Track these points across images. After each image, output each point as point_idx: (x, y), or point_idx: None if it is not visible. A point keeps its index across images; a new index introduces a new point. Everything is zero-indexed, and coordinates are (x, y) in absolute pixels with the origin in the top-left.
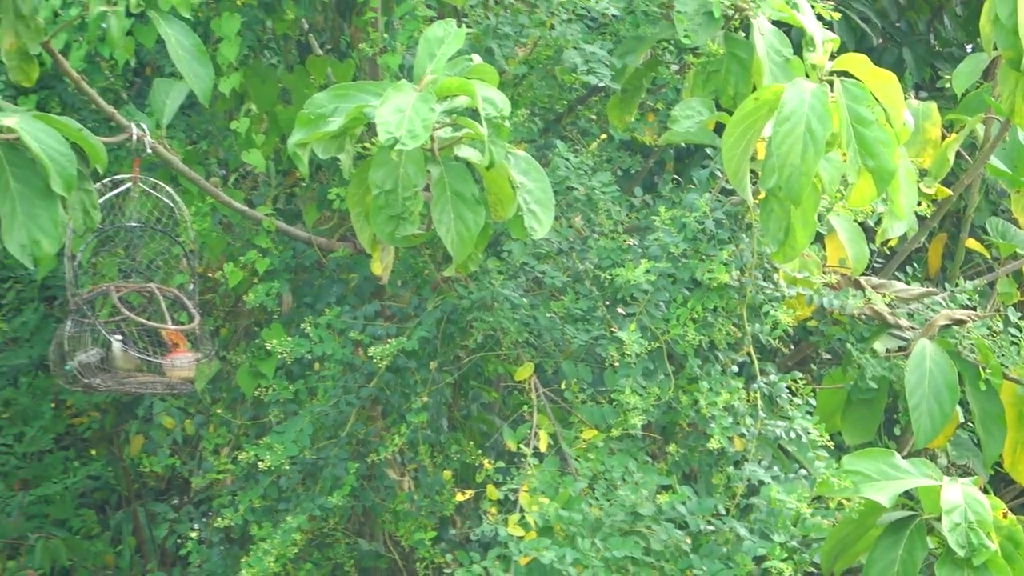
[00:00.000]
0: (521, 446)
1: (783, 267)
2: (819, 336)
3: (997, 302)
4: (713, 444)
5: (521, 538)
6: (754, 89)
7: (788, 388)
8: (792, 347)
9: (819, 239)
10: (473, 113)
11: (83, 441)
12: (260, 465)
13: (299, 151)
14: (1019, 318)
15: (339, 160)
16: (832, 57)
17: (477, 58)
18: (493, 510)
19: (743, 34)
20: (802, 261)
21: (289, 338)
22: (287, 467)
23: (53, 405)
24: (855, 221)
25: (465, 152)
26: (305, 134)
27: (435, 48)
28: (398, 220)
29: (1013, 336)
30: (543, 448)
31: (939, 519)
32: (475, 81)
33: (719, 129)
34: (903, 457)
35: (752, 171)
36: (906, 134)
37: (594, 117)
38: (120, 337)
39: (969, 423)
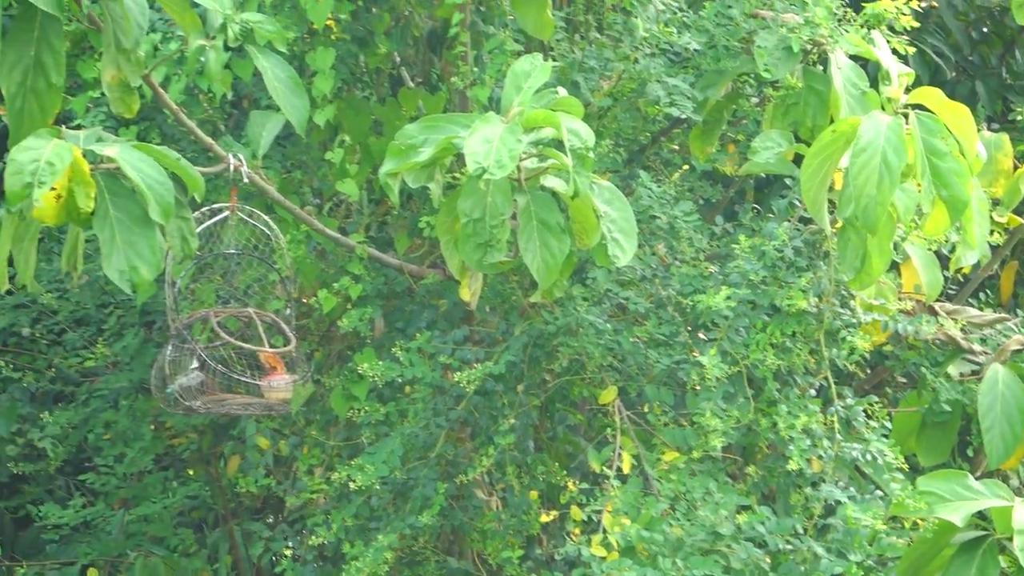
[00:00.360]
0: (605, 467)
1: (860, 294)
2: (895, 361)
3: None
4: (791, 465)
5: (604, 558)
6: (831, 121)
7: (864, 411)
8: (868, 371)
9: (895, 267)
10: (559, 144)
11: (181, 461)
12: (352, 485)
13: (390, 180)
14: None
15: (429, 189)
16: (907, 90)
17: (562, 91)
18: (577, 530)
19: (821, 68)
20: (878, 288)
21: (380, 362)
22: (378, 487)
23: (153, 427)
24: (929, 249)
25: (551, 182)
26: (396, 164)
27: (522, 81)
28: (486, 248)
29: None
30: (626, 469)
31: (1011, 539)
32: (560, 113)
33: (798, 160)
34: (976, 478)
35: (830, 201)
36: (979, 165)
37: (676, 148)
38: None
39: None
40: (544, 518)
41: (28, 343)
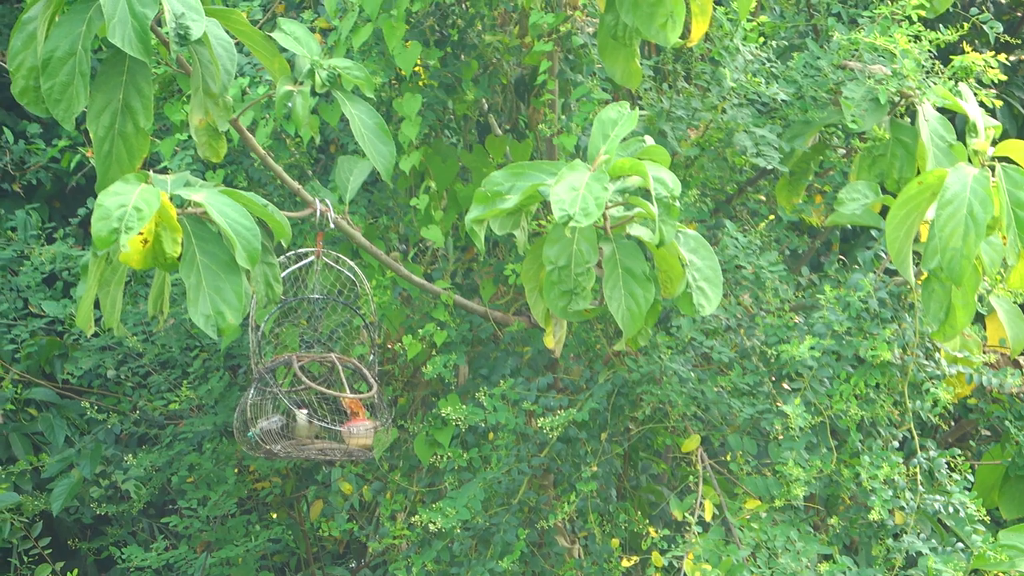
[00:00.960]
0: (687, 515)
1: (944, 346)
2: (978, 414)
3: None
4: (873, 516)
5: None
6: (918, 173)
7: (947, 463)
8: (952, 424)
9: (979, 319)
10: (645, 192)
11: (265, 505)
12: (433, 527)
13: (476, 227)
14: None
15: (514, 237)
16: (994, 143)
17: (649, 139)
18: None
19: (908, 120)
20: (963, 340)
21: (464, 407)
22: (460, 532)
23: (236, 470)
24: (1015, 303)
25: (636, 230)
26: (482, 211)
27: (609, 129)
28: (570, 295)
29: None
30: (708, 517)
31: None
32: (646, 162)
33: (884, 212)
34: None
35: (915, 252)
36: None
37: (763, 198)
38: (305, 411)
39: None
40: (626, 563)
41: (113, 385)
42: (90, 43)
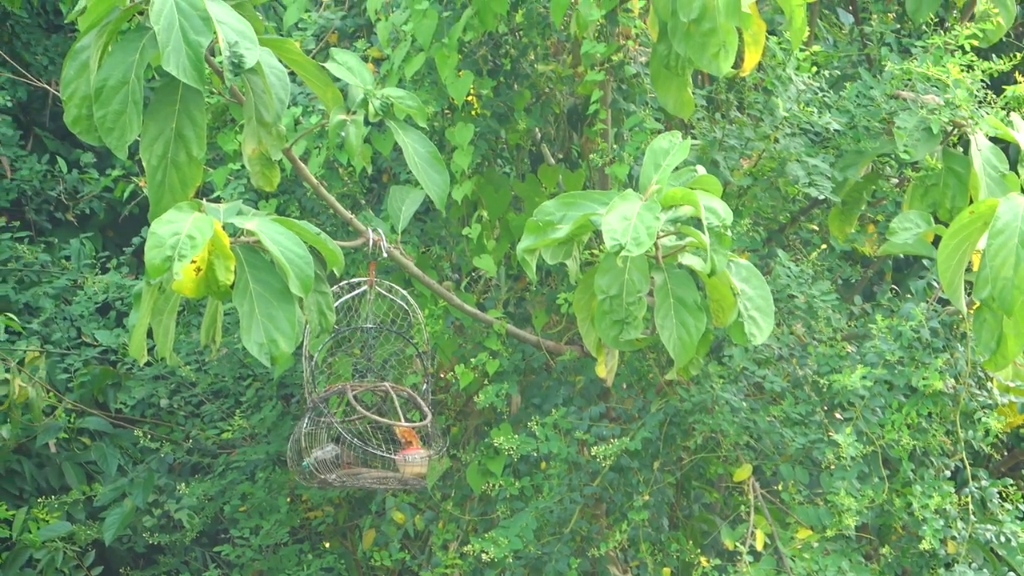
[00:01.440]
0: (738, 544)
1: (996, 375)
2: None
3: None
4: (924, 546)
5: None
6: (971, 203)
7: (999, 493)
8: (1006, 453)
9: None
10: (696, 222)
11: (317, 534)
12: (484, 556)
13: (527, 256)
14: None
15: (566, 266)
16: None
17: (701, 169)
18: None
19: (961, 149)
20: (1015, 370)
21: (516, 436)
22: (511, 561)
23: (289, 499)
24: None
25: (688, 260)
26: (534, 240)
27: (660, 159)
28: (622, 325)
29: None
30: (759, 547)
31: None
32: (698, 191)
33: (937, 241)
34: None
35: (967, 282)
36: None
37: (816, 228)
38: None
39: None
40: None
41: (166, 414)
42: (143, 71)
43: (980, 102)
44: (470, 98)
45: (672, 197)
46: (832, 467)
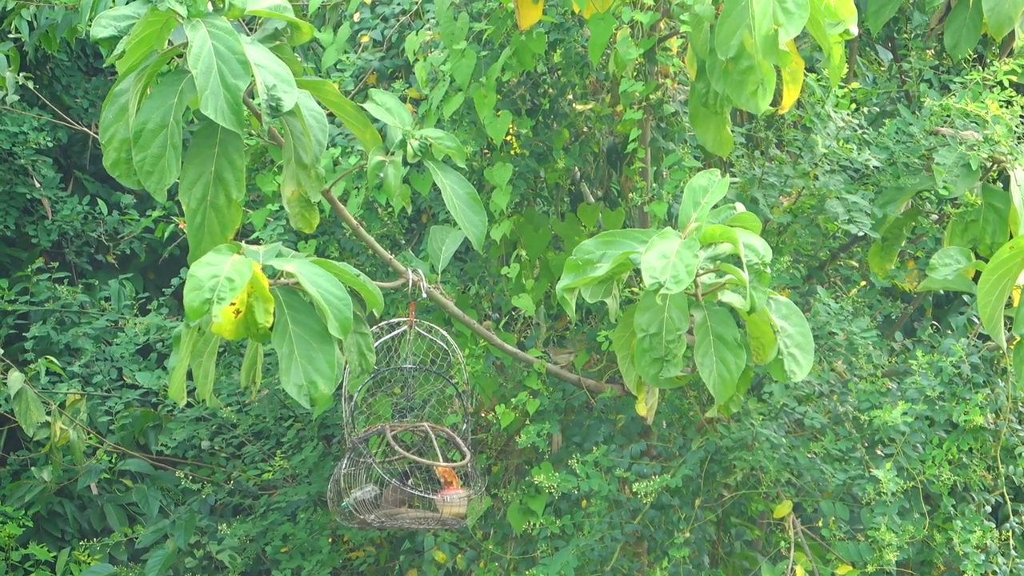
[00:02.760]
0: None
1: None
2: None
3: None
4: None
5: None
6: (1011, 238)
7: None
8: None
9: None
10: (736, 259)
11: (359, 574)
12: None
13: (567, 295)
14: None
15: (606, 304)
16: None
17: (740, 206)
18: None
19: (1001, 185)
20: None
21: (557, 474)
22: None
23: (331, 540)
24: None
25: (728, 297)
26: (573, 279)
27: (699, 196)
28: (662, 362)
29: None
30: None
31: None
32: (737, 229)
33: (978, 277)
34: None
35: (1007, 317)
36: None
37: (856, 265)
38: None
39: None
40: None
41: (207, 456)
42: (182, 115)
43: (1019, 138)
44: (509, 138)
45: (711, 235)
46: (873, 503)
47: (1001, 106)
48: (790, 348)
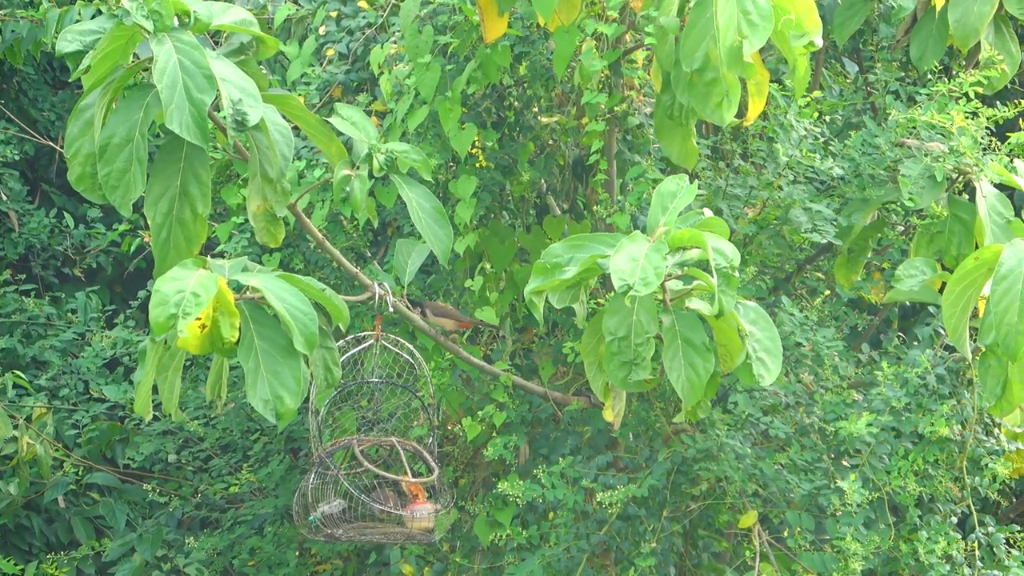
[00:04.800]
0: None
1: (1004, 422)
2: None
3: None
4: None
5: None
6: (976, 249)
7: (1006, 539)
8: (1014, 500)
9: None
10: (704, 265)
11: None
12: None
13: (535, 298)
14: None
15: (573, 315)
16: None
17: (708, 212)
18: None
19: (966, 196)
20: (1023, 416)
21: (522, 483)
22: None
23: (298, 553)
24: None
25: (696, 304)
26: (541, 282)
27: (668, 201)
28: (631, 366)
29: None
30: None
31: None
32: (706, 232)
33: (943, 288)
34: None
35: (972, 328)
36: None
37: (822, 276)
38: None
39: None
40: None
41: (174, 469)
42: (147, 129)
43: (985, 149)
44: (474, 150)
45: (680, 239)
46: (838, 513)
47: (967, 117)
48: (758, 352)
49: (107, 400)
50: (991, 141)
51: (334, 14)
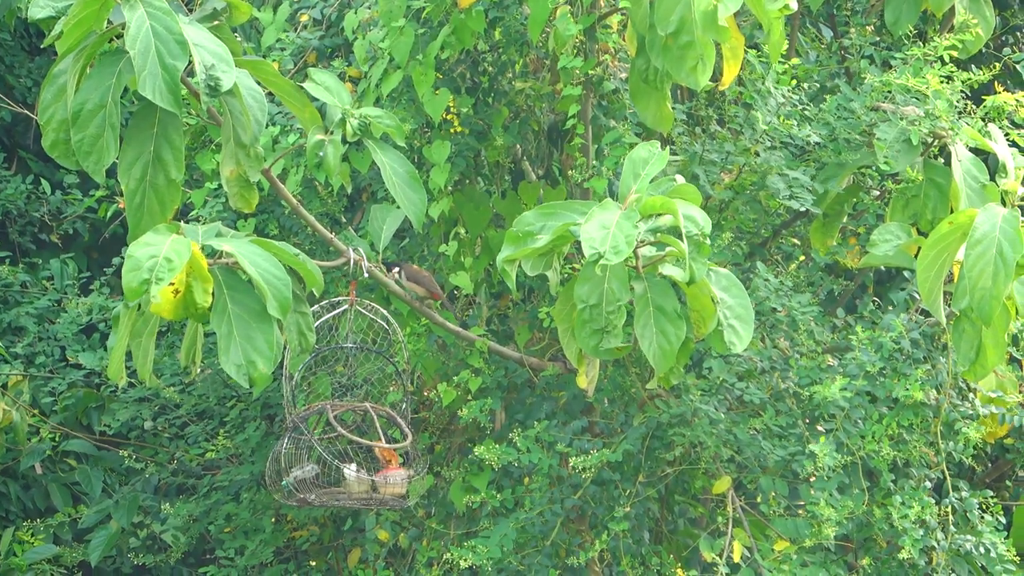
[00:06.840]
0: (715, 557)
1: (979, 386)
2: (1015, 454)
3: None
4: (904, 555)
5: None
6: (952, 213)
7: (980, 504)
8: (989, 465)
9: (1016, 361)
10: (676, 232)
11: (302, 553)
12: (462, 564)
13: (507, 267)
14: None
15: (547, 280)
16: None
17: (680, 178)
18: None
19: (942, 161)
20: (998, 381)
21: (498, 447)
22: (490, 570)
23: (274, 519)
24: None
25: (668, 270)
26: (514, 250)
27: (640, 168)
28: (602, 333)
29: None
30: (737, 559)
31: None
32: (677, 200)
33: (919, 253)
34: None
35: (947, 292)
36: None
37: (797, 242)
38: (354, 468)
39: None
40: None
41: (151, 436)
42: (120, 95)
43: (960, 113)
44: (449, 116)
45: (651, 206)
46: (812, 478)
47: (942, 81)
48: (730, 319)
49: (83, 367)
50: (966, 105)
51: None
